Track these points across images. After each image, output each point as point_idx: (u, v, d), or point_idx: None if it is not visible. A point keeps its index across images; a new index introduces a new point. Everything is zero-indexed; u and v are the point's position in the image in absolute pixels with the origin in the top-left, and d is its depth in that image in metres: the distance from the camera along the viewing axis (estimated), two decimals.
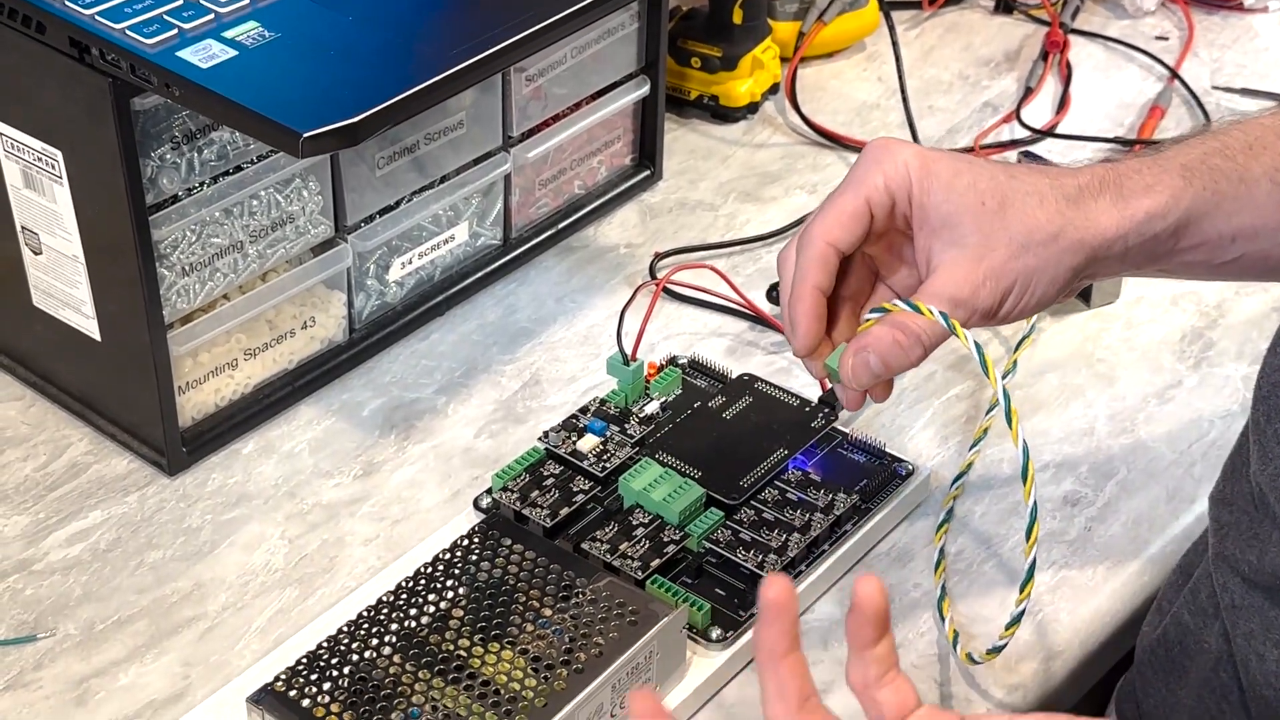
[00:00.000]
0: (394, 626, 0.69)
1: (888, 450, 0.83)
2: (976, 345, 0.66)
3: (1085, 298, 0.97)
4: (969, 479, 0.84)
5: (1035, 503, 0.67)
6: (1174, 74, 1.18)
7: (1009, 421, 0.66)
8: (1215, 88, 1.18)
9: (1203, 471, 0.85)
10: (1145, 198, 0.69)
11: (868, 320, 0.70)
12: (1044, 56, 1.19)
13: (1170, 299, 0.97)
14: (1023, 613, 0.70)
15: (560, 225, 1.02)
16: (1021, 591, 0.69)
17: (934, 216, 0.70)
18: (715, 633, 0.74)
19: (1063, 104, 1.15)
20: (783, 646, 0.56)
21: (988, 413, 0.86)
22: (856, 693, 0.58)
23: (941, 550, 0.80)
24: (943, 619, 0.76)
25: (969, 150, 1.10)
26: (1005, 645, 0.72)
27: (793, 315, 0.71)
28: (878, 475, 0.81)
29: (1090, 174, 0.71)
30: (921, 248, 0.71)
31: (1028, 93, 1.16)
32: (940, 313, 0.67)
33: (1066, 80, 1.17)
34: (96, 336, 0.84)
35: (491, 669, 0.68)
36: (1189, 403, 0.90)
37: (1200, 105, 1.15)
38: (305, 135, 0.70)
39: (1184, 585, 0.74)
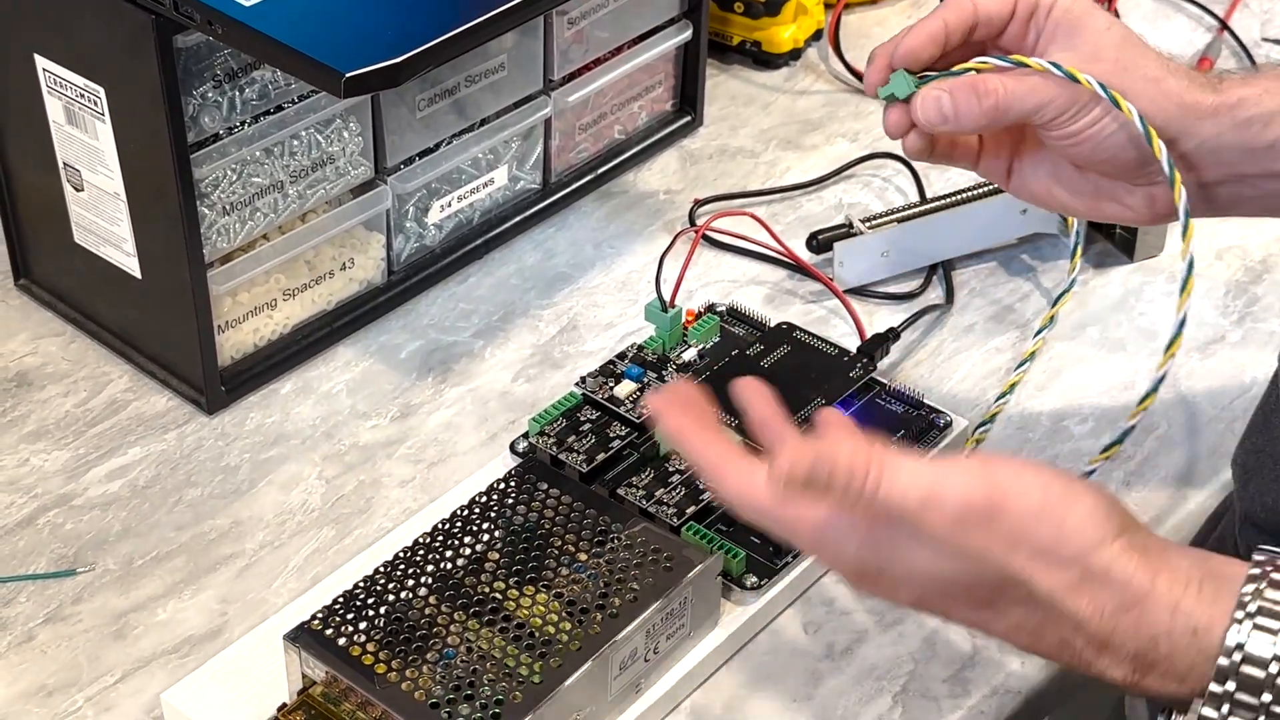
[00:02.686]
0: (430, 568, 0.70)
1: (926, 401, 0.83)
2: (1136, 113, 0.67)
3: (1128, 250, 0.96)
4: (994, 433, 0.83)
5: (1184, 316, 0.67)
6: (1223, 25, 1.16)
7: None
8: (1265, 39, 1.16)
9: (1244, 427, 0.84)
10: (1242, 88, 0.70)
11: (981, 63, 0.69)
12: None
13: (1215, 253, 0.96)
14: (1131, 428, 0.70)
15: (600, 170, 1.01)
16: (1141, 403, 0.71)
17: (1061, 26, 0.70)
18: (750, 580, 0.74)
19: None
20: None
21: (1018, 367, 0.85)
22: None
23: None
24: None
25: None
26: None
27: (909, 30, 0.71)
28: (916, 426, 0.81)
29: (1195, 70, 0.72)
30: (1039, 54, 0.70)
31: None
32: (1053, 63, 0.68)
33: None
34: (137, 274, 0.84)
35: (526, 612, 0.68)
36: (1231, 358, 0.90)
37: (1249, 57, 1.13)
38: (347, 75, 0.70)
39: (1211, 532, 0.73)
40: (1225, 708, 0.55)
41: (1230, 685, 0.54)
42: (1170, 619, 0.55)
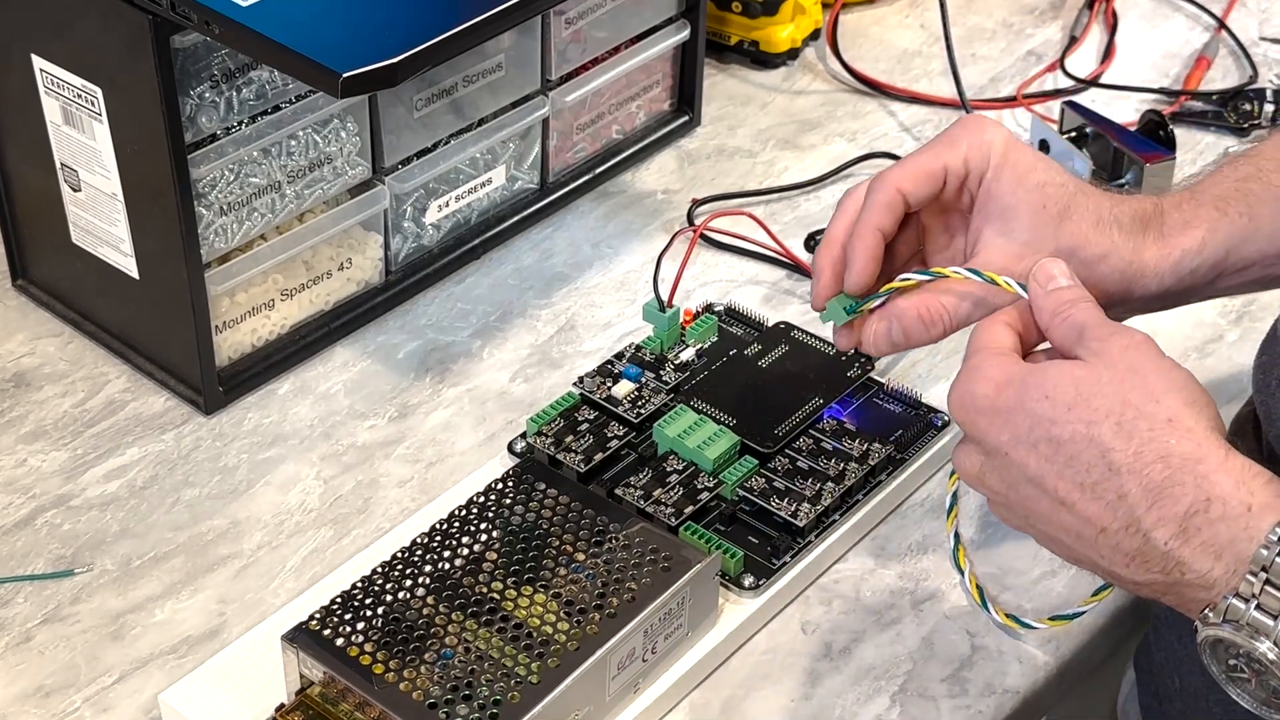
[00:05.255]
0: (428, 568, 0.70)
1: (923, 400, 0.83)
2: (1022, 286, 0.67)
3: None
4: None
5: None
6: (1221, 24, 1.16)
7: None
8: (1263, 38, 1.16)
9: None
10: (1182, 236, 0.72)
11: (905, 279, 0.71)
12: (1089, 5, 1.18)
13: None
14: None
15: (597, 170, 1.01)
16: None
17: (995, 204, 0.72)
18: (748, 580, 0.74)
19: (1108, 53, 1.14)
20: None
21: None
22: None
23: (954, 495, 0.79)
24: (960, 570, 0.75)
25: (1011, 100, 1.09)
26: (1084, 613, 0.73)
27: (851, 252, 0.73)
28: (913, 425, 0.81)
29: (1141, 205, 0.73)
30: (974, 229, 0.73)
31: (1072, 42, 1.15)
32: (972, 270, 0.69)
33: (1112, 29, 1.16)
34: (135, 274, 0.84)
35: (524, 612, 0.68)
36: (1229, 357, 0.90)
37: (1247, 56, 1.13)
38: (344, 75, 0.70)
39: None
40: (1253, 603, 0.57)
41: (1263, 578, 0.56)
42: (1233, 488, 0.57)
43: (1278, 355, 0.65)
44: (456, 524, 0.72)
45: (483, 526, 0.72)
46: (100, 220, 0.83)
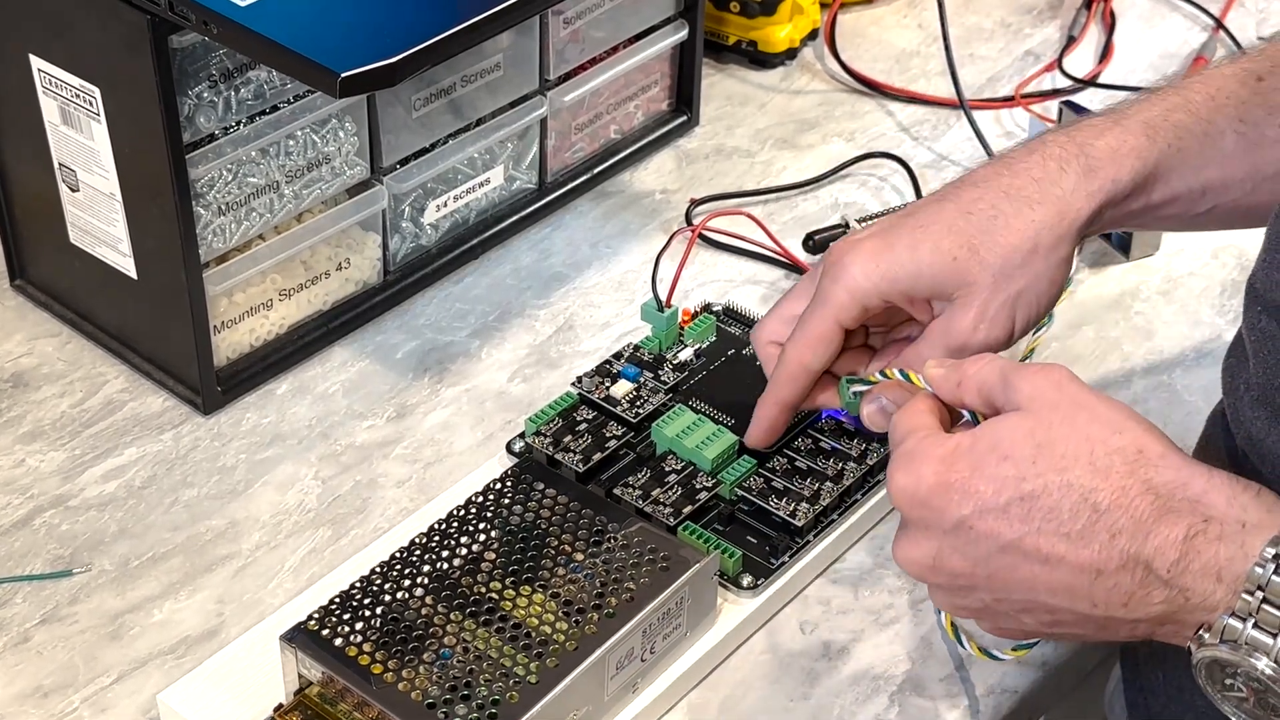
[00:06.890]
0: (426, 568, 0.70)
1: None
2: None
3: (1124, 250, 0.96)
4: None
5: None
6: (1219, 24, 1.16)
7: None
8: (1260, 38, 1.16)
9: None
10: (1111, 166, 0.71)
11: (875, 379, 0.70)
12: (1087, 4, 1.18)
13: (1210, 252, 0.97)
14: None
15: (596, 170, 1.01)
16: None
17: (917, 293, 0.72)
18: (746, 580, 0.74)
19: (1105, 53, 1.14)
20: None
21: None
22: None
23: None
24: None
25: (1009, 100, 1.09)
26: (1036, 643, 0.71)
27: (756, 415, 0.76)
28: None
29: (1046, 157, 0.71)
30: (922, 318, 0.73)
31: (1070, 41, 1.15)
32: (900, 370, 0.68)
33: (1110, 29, 1.16)
34: (133, 274, 0.84)
35: (523, 612, 0.68)
36: None
37: None
38: (343, 75, 0.70)
39: None
40: (1250, 621, 0.56)
41: (1259, 595, 0.56)
42: (1226, 506, 0.57)
43: (1243, 357, 0.65)
44: (455, 524, 0.72)
45: (481, 526, 0.72)
46: (98, 220, 0.83)
